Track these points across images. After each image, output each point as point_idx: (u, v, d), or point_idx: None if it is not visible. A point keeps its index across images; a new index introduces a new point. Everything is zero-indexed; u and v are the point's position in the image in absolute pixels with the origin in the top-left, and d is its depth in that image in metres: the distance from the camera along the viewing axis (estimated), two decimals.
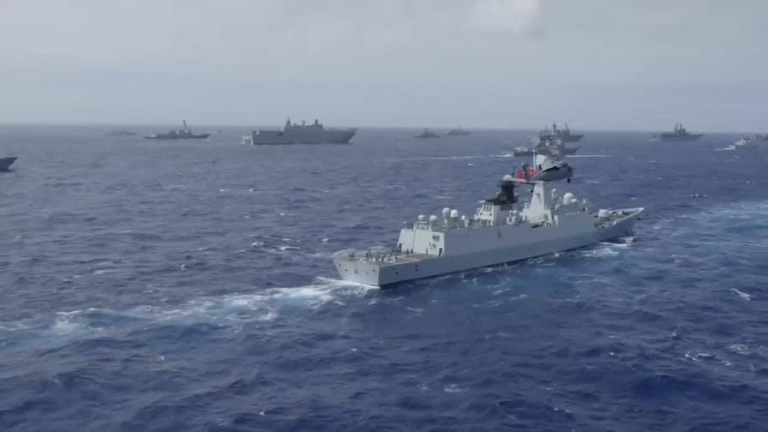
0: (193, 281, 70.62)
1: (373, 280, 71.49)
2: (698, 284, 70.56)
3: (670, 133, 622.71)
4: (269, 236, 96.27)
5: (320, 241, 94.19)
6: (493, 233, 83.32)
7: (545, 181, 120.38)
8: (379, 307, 62.51)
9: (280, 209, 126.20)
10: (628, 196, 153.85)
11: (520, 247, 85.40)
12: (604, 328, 55.09)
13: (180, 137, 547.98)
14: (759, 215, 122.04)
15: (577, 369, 45.88)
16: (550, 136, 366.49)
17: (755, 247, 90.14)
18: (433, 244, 78.59)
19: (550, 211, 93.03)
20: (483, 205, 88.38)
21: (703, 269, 77.48)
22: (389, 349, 50.50)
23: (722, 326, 56.08)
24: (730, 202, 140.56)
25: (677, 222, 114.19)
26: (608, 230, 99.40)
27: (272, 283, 69.87)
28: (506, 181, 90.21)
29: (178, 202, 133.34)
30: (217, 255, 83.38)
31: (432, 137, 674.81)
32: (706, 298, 64.33)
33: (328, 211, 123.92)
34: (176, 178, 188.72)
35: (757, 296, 65.49)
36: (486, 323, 57.06)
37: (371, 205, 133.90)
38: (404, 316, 59.97)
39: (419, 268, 75.13)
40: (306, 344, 50.69)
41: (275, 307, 60.93)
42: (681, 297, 64.92)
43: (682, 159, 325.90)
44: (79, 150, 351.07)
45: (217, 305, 61.12)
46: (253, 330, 53.67)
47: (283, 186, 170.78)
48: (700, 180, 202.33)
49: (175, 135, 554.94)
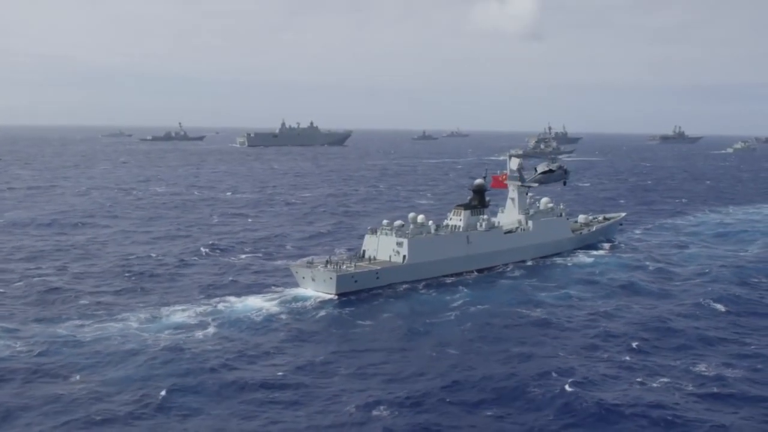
0: (136, 291, 66.63)
1: (330, 289, 67.78)
2: (671, 296, 66.40)
3: (669, 136, 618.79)
4: (233, 242, 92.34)
5: (284, 247, 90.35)
6: (462, 239, 79.42)
7: (540, 184, 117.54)
8: (326, 320, 58.43)
9: (252, 213, 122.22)
10: (615, 199, 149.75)
11: (490, 254, 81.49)
12: (558, 347, 50.91)
13: (175, 139, 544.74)
14: (746, 220, 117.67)
15: (520, 395, 41.83)
16: (545, 139, 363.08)
17: (736, 255, 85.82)
18: (396, 250, 74.77)
19: (524, 217, 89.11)
20: (453, 210, 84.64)
21: (679, 279, 73.30)
22: (321, 369, 46.41)
23: (688, 344, 51.86)
24: (719, 207, 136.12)
25: (661, 227, 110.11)
26: (586, 236, 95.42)
27: (220, 292, 66.01)
28: (477, 185, 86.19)
29: (148, 206, 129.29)
30: (170, 262, 79.39)
31: (430, 139, 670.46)
32: (677, 313, 60.00)
33: (300, 216, 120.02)
34: (156, 181, 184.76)
35: (732, 309, 61.32)
36: (435, 338, 53.09)
37: (346, 209, 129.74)
38: (350, 329, 55.89)
39: (380, 276, 71.26)
40: (229, 365, 46.40)
41: (216, 320, 56.96)
42: (649, 311, 60.72)
43: (677, 162, 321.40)
44: (69, 152, 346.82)
45: (152, 318, 57.12)
46: (179, 347, 49.42)
47: (262, 189, 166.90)
48: (690, 184, 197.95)
49: (171, 137, 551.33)
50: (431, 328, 55.66)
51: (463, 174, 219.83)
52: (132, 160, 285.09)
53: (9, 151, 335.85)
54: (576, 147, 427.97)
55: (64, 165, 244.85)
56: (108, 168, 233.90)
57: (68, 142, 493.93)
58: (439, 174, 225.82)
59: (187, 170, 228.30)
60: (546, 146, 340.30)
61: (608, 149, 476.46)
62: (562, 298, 65.00)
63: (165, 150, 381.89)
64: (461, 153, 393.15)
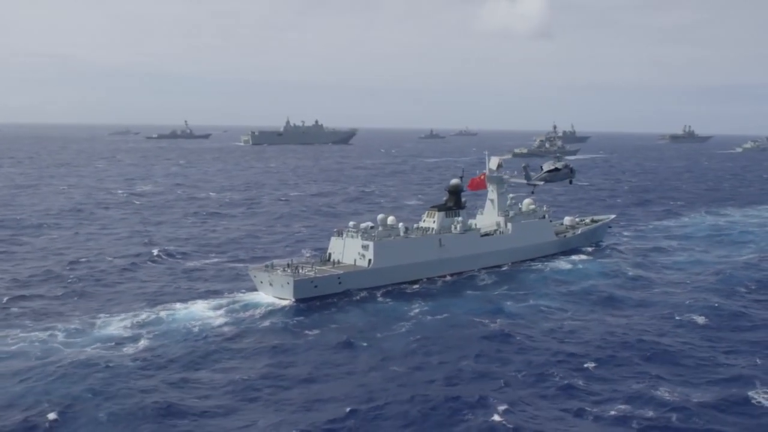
0: (73, 298, 62.55)
1: (288, 294, 64.01)
2: (647, 306, 61.33)
3: (678, 135, 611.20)
4: (198, 244, 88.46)
5: (252, 249, 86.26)
6: (434, 242, 75.17)
7: (545, 183, 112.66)
8: (269, 330, 54.00)
9: (230, 213, 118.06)
10: (611, 199, 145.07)
11: (465, 258, 77.23)
12: (508, 366, 46.02)
13: (181, 137, 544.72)
14: (742, 223, 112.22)
15: (443, 425, 37.15)
16: (550, 138, 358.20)
17: (725, 261, 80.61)
18: (362, 254, 70.75)
19: (503, 219, 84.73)
20: (427, 212, 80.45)
21: (659, 288, 68.08)
22: (240, 393, 41.83)
23: (654, 364, 46.75)
24: (716, 209, 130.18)
25: (652, 230, 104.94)
26: (571, 239, 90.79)
27: (168, 299, 61.99)
28: (453, 186, 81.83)
29: (122, 206, 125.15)
30: (121, 265, 75.31)
31: (437, 138, 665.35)
32: (649, 327, 54.88)
33: (278, 216, 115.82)
34: (144, 179, 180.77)
35: (711, 322, 56.19)
36: (377, 352, 48.74)
37: (329, 209, 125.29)
38: (290, 342, 51.41)
39: (343, 281, 67.18)
40: (140, 387, 41.73)
41: (151, 330, 52.82)
42: (620, 324, 55.69)
43: (681, 162, 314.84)
44: (68, 150, 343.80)
45: (82, 329, 52.87)
46: (96, 362, 45.03)
47: (250, 188, 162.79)
48: (690, 184, 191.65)
49: (176, 135, 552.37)
50: (378, 341, 51.24)
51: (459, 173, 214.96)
52: (128, 158, 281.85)
53: (7, 149, 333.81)
54: (581, 146, 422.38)
55: (56, 164, 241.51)
56: (101, 166, 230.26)
57: (71, 141, 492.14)
58: (437, 173, 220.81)
59: (180, 169, 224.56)
60: (551, 145, 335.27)
61: (614, 148, 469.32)
62: (530, 309, 60.26)
63: (166, 148, 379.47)
64: (465, 152, 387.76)
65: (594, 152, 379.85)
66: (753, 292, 66.52)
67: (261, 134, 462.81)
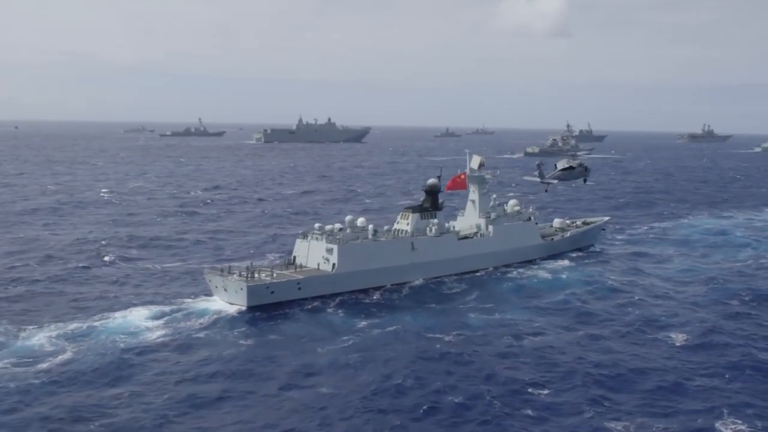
0: (6, 303, 58.33)
1: (241, 300, 59.88)
2: (624, 322, 55.30)
3: (697, 135, 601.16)
4: (161, 244, 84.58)
5: (219, 251, 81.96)
6: (405, 246, 70.58)
7: (561, 181, 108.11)
8: (203, 344, 49.27)
9: (210, 213, 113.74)
10: (613, 199, 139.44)
11: (440, 262, 72.60)
12: (435, 396, 40.16)
13: (195, 134, 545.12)
14: (746, 226, 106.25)
15: None
16: (564, 137, 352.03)
17: (721, 269, 74.71)
18: (326, 257, 66.37)
19: (484, 221, 79.93)
20: (401, 213, 75.84)
21: (643, 299, 62.23)
22: (142, 414, 37.38)
23: (613, 391, 41.10)
24: (722, 211, 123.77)
25: (650, 233, 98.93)
26: (559, 243, 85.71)
27: (106, 305, 57.79)
28: (430, 186, 77.08)
29: (102, 205, 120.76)
30: (71, 267, 71.29)
31: (453, 136, 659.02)
32: (620, 347, 49.19)
33: (257, 215, 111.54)
34: (136, 177, 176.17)
35: (691, 340, 50.52)
36: (304, 373, 44.01)
37: (310, 210, 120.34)
38: (221, 352, 47.25)
39: (303, 287, 62.77)
40: (31, 417, 37.15)
41: (77, 343, 48.45)
42: (590, 343, 50.09)
43: (695, 162, 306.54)
44: (72, 148, 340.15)
45: (5, 341, 48.68)
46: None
47: (239, 187, 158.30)
48: (698, 184, 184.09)
49: (190, 132, 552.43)
50: (310, 357, 46.59)
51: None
52: (131, 156, 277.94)
53: (12, 146, 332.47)
54: (595, 146, 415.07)
55: (55, 161, 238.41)
56: (102, 164, 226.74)
57: (82, 138, 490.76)
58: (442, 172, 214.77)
59: (178, 166, 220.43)
60: (564, 144, 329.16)
61: (628, 148, 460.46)
62: (493, 322, 54.98)
63: (174, 146, 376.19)
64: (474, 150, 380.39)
65: (607, 152, 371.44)
66: (743, 304, 60.73)
67: (273, 132, 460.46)
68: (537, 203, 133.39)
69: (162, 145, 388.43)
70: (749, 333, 52.56)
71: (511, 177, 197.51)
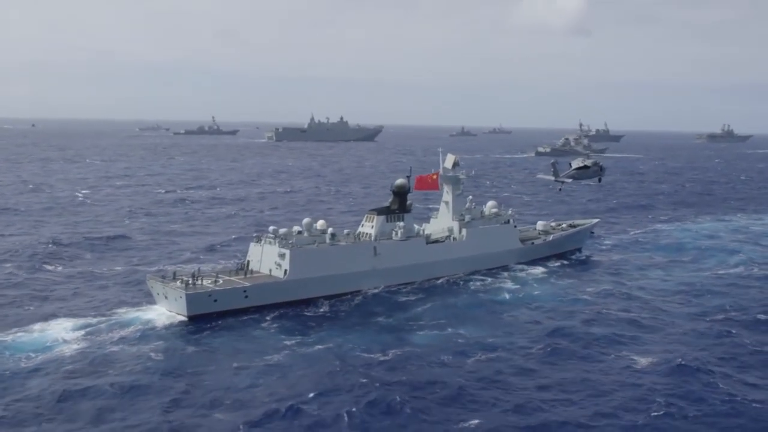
0: None
1: (181, 309, 55.54)
2: (580, 343, 49.11)
3: (716, 134, 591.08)
4: (118, 247, 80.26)
5: (174, 254, 77.61)
6: (366, 251, 66.02)
7: (575, 180, 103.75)
8: (108, 360, 44.57)
9: (178, 212, 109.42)
10: (610, 201, 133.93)
11: (406, 268, 67.96)
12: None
13: (208, 133, 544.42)
14: (744, 231, 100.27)
15: None
16: (577, 137, 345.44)
17: (704, 281, 68.68)
18: (278, 263, 61.92)
19: (457, 224, 75.16)
20: (366, 216, 71.31)
21: (608, 317, 55.45)
22: None
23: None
24: (723, 215, 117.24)
25: (641, 237, 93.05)
26: (540, 247, 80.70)
27: (28, 317, 53.25)
28: (398, 186, 72.34)
29: (65, 205, 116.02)
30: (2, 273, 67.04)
31: (468, 136, 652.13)
32: (568, 384, 42.42)
33: (227, 216, 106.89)
34: (123, 177, 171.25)
35: (651, 368, 44.24)
36: (207, 395, 39.35)
37: (283, 209, 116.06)
38: (127, 366, 42.87)
39: (250, 295, 58.33)
40: None
41: None
42: (535, 370, 44.01)
43: (707, 162, 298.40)
44: (75, 146, 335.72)
45: None
46: None
47: (223, 185, 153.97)
48: (705, 185, 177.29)
49: (204, 131, 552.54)
50: (214, 379, 41.87)
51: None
52: (131, 154, 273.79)
53: (21, 144, 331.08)
54: (612, 146, 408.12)
55: (51, 158, 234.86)
56: (99, 163, 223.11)
57: (94, 136, 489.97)
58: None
59: (173, 165, 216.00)
60: (576, 143, 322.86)
61: (642, 148, 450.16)
62: (440, 340, 49.47)
63: (181, 144, 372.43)
64: (482, 149, 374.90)
65: (622, 152, 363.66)
66: (719, 323, 54.30)
67: (285, 131, 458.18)
68: (535, 205, 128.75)
69: (170, 143, 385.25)
70: (719, 363, 45.94)
71: (513, 176, 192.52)
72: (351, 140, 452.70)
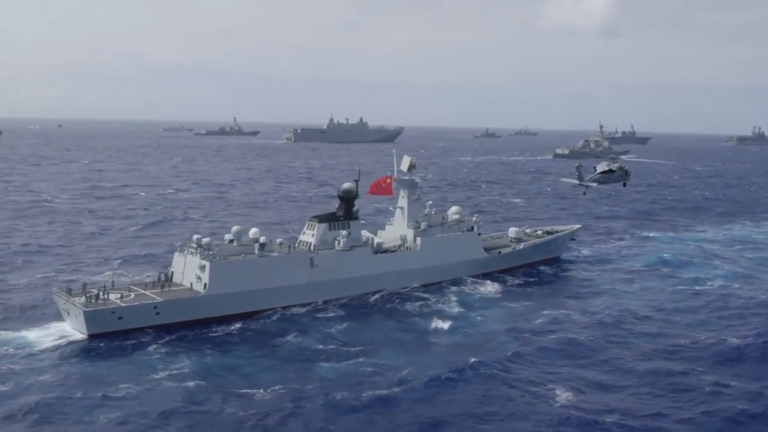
0: None
1: (81, 327, 50.02)
2: (505, 383, 41.68)
3: (746, 137, 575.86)
4: (56, 253, 75.12)
5: (107, 262, 72.02)
6: (301, 262, 59.84)
7: (599, 185, 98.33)
8: None
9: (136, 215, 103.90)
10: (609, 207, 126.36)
11: (349, 281, 61.66)
12: None
13: (229, 134, 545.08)
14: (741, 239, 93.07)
15: None
16: (596, 139, 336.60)
17: (677, 298, 61.66)
18: (198, 276, 56.11)
19: (412, 232, 68.71)
20: (307, 223, 65.25)
21: (548, 350, 47.57)
22: None
23: None
24: (724, 223, 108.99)
25: (624, 247, 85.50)
26: (507, 257, 73.84)
27: None
28: (345, 191, 66.13)
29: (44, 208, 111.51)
30: None
31: (493, 137, 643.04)
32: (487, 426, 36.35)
33: (180, 219, 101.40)
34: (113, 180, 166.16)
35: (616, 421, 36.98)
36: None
37: (253, 210, 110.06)
38: None
39: (162, 311, 52.50)
40: None
41: None
42: (441, 410, 37.75)
43: (726, 164, 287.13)
44: (87, 146, 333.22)
45: None
46: None
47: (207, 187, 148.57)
48: (715, 190, 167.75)
49: (225, 131, 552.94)
50: (105, 409, 36.63)
51: (451, 173, 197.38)
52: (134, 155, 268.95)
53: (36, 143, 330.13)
54: (636, 148, 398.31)
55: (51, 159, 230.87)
56: (102, 164, 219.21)
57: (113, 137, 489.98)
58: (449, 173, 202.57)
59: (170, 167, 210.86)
60: (596, 146, 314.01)
61: (663, 151, 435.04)
62: (342, 373, 42.67)
63: (190, 145, 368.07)
64: (495, 151, 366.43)
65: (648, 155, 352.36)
66: (675, 360, 46.63)
67: (303, 132, 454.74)
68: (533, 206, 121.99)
69: (185, 144, 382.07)
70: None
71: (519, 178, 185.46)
72: (370, 141, 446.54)
